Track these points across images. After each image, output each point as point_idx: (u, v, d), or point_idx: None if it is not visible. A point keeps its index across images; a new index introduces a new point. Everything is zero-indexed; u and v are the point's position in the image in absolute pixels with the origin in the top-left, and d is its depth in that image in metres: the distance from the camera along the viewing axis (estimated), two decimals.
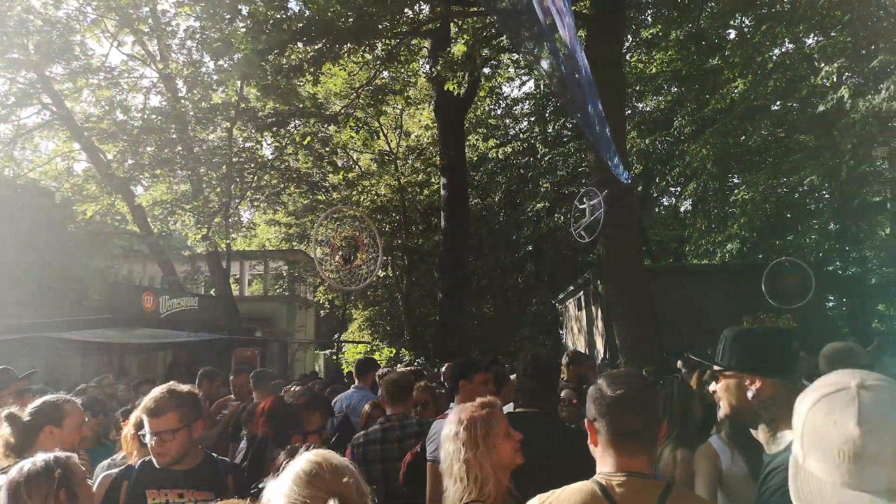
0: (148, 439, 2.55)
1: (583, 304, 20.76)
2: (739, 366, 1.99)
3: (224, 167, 17.39)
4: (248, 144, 19.34)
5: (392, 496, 3.60)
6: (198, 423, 2.69)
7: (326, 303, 28.77)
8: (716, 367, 2.07)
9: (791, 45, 18.21)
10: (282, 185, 19.61)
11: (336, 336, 28.85)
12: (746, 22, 21.55)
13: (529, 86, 27.11)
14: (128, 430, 3.03)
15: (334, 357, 25.38)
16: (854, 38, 14.63)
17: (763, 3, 18.70)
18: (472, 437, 2.11)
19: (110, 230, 19.65)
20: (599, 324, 17.87)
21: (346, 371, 17.06)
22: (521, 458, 2.20)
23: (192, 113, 16.94)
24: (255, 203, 20.53)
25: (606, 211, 9.14)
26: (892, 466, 0.99)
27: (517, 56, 20.67)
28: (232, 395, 6.07)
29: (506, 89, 28.04)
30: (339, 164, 22.45)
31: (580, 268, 24.46)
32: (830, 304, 21.89)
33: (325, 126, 17.48)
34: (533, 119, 27.65)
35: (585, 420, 1.81)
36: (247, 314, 21.30)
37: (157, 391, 2.61)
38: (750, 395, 1.94)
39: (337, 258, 8.35)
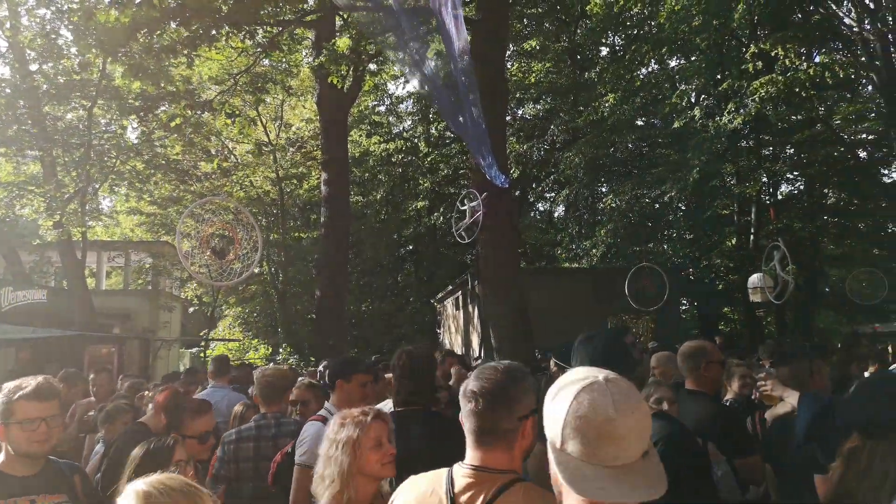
0: (21, 429, 2.36)
1: (460, 303, 21.15)
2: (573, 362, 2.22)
3: (82, 149, 15.97)
4: (111, 126, 17.90)
5: (261, 496, 3.48)
6: None
7: (195, 298, 27.28)
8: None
9: (656, 66, 19.62)
10: (148, 172, 18.31)
11: (204, 333, 27.41)
12: (618, 41, 22.96)
13: (415, 84, 27.24)
14: None
15: (202, 356, 24.11)
16: (709, 63, 15.99)
17: (633, 25, 20.01)
18: (335, 439, 2.23)
19: None
20: (476, 323, 18.28)
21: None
22: (390, 472, 2.25)
23: (45, 87, 15.39)
24: (117, 190, 19.02)
25: (485, 213, 9.36)
26: (633, 443, 1.19)
27: (402, 54, 20.67)
28: (93, 398, 5.68)
29: (391, 87, 27.99)
30: (213, 153, 21.35)
31: (459, 268, 24.91)
32: (683, 307, 23.80)
33: (199, 112, 16.53)
34: (417, 118, 27.81)
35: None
36: (104, 309, 19.72)
37: (28, 378, 2.47)
38: None
39: (208, 252, 7.90)
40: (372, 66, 17.78)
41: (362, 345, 24.84)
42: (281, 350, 18.67)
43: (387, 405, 4.11)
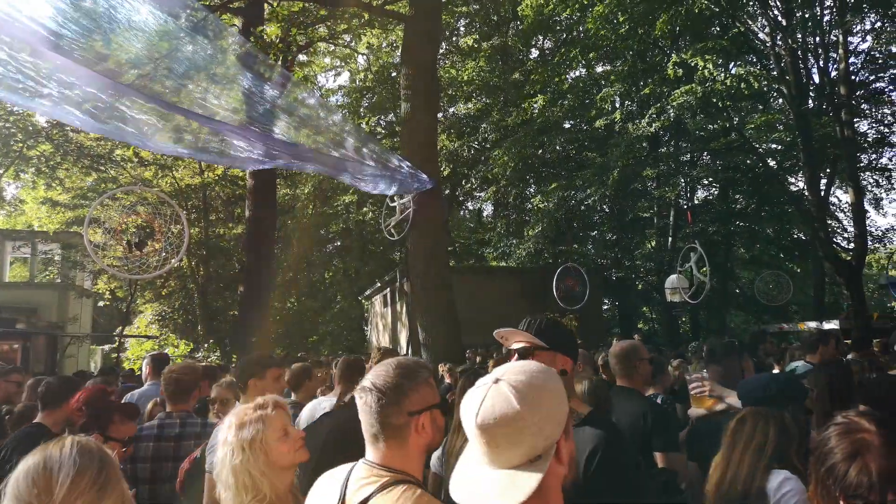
0: None
1: (388, 300, 21.05)
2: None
3: None
4: (16, 108, 16.76)
5: (157, 499, 3.29)
6: None
7: (107, 293, 25.94)
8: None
9: (584, 71, 20.09)
10: (58, 158, 17.26)
11: (118, 330, 26.10)
12: (548, 44, 23.39)
13: (345, 78, 26.91)
14: None
15: (114, 355, 22.98)
16: (633, 69, 16.52)
17: (562, 29, 20.42)
18: (238, 442, 2.05)
19: None
20: (404, 320, 18.23)
21: (127, 368, 15.56)
22: (304, 455, 2.16)
23: None
24: (23, 176, 17.84)
25: (415, 210, 9.33)
26: (505, 450, 1.16)
27: (334, 46, 20.37)
28: None
29: (321, 79, 27.53)
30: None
31: (387, 265, 24.77)
32: (606, 306, 24.58)
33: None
34: (347, 112, 27.41)
35: None
36: (7, 302, 18.55)
37: None
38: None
39: (123, 244, 7.49)
40: (302, 57, 17.42)
41: (287, 342, 24.32)
42: (203, 348, 18.03)
43: (322, 403, 4.03)
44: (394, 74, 21.75)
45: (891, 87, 19.02)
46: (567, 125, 21.68)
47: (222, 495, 2.05)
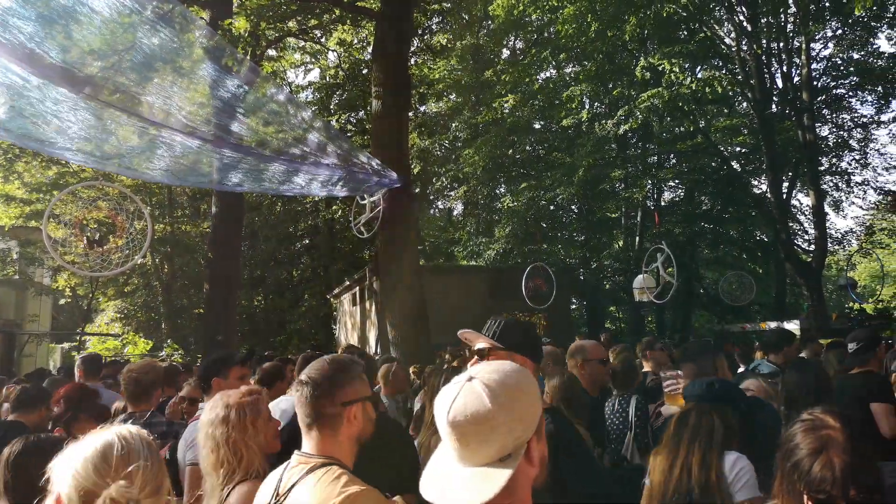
0: None
1: (357, 299, 20.91)
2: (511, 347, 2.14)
3: None
4: None
5: None
6: None
7: (67, 289, 25.27)
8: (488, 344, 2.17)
9: (554, 72, 20.23)
10: (17, 151, 16.73)
11: (79, 328, 25.45)
12: (519, 45, 23.49)
13: (315, 74, 26.64)
14: None
15: (74, 353, 22.38)
16: (601, 71, 16.69)
17: (533, 30, 20.53)
18: (241, 420, 2.18)
19: None
20: (374, 319, 18.12)
21: None
22: (279, 444, 2.30)
23: None
24: None
25: (386, 208, 9.27)
26: (476, 448, 1.15)
27: (304, 42, 20.15)
28: None
29: (290, 75, 27.20)
30: None
31: (356, 263, 24.61)
32: (574, 305, 24.77)
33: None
34: (317, 109, 27.16)
35: None
36: None
37: None
38: None
39: (84, 241, 7.27)
40: (271, 52, 17.20)
41: (255, 339, 24.01)
42: (166, 346, 17.69)
43: (280, 403, 3.98)
44: (365, 71, 21.61)
45: (850, 94, 19.59)
46: (537, 125, 21.80)
47: (211, 474, 2.15)
